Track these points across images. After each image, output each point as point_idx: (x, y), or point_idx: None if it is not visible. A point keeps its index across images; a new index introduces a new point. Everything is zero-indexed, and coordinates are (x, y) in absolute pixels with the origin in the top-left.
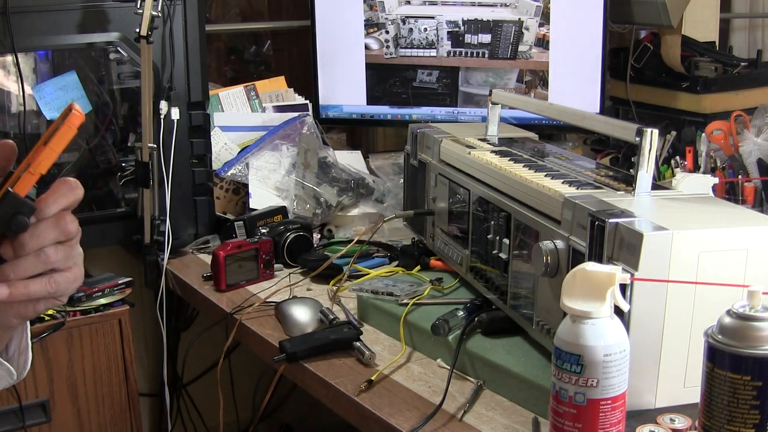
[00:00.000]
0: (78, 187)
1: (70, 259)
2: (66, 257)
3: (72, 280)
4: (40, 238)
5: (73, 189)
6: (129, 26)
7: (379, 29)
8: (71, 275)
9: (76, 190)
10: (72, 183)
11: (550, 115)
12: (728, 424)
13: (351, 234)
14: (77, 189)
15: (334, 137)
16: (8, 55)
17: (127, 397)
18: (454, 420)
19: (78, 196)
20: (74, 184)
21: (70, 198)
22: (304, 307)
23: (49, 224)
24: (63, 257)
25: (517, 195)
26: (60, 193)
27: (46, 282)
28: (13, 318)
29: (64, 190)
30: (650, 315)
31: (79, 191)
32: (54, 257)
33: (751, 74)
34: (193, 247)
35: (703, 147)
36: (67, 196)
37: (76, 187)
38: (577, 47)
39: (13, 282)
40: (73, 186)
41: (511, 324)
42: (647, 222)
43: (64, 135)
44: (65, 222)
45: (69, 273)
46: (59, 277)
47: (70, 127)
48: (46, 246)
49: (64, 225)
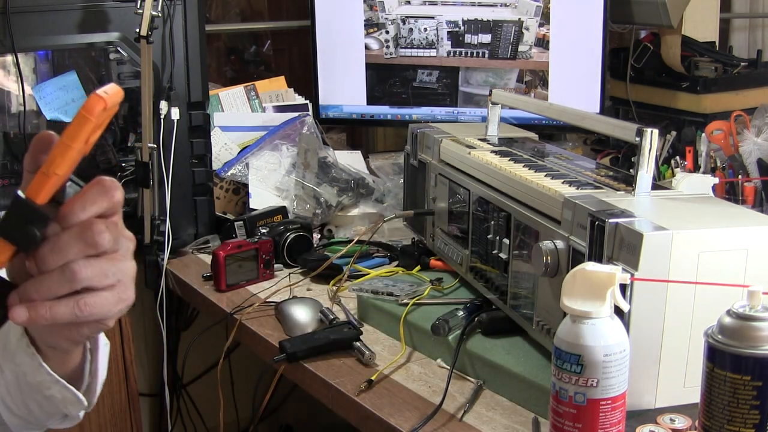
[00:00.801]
0: (114, 189)
1: (110, 276)
2: (101, 274)
3: (113, 301)
4: (62, 252)
5: (106, 191)
6: (129, 26)
7: (379, 29)
8: (111, 296)
9: (111, 192)
10: (107, 184)
11: (550, 115)
12: (728, 424)
13: (351, 234)
14: (112, 191)
15: (334, 137)
16: (8, 55)
17: (127, 397)
18: (454, 420)
19: (114, 200)
20: (109, 184)
21: (102, 202)
22: (304, 307)
23: (72, 235)
24: (96, 273)
25: (517, 195)
26: (89, 196)
27: (74, 305)
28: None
29: (95, 192)
30: (650, 315)
31: (115, 193)
32: (82, 274)
33: (751, 74)
34: (193, 247)
35: (703, 147)
36: (98, 201)
37: (111, 188)
38: (577, 47)
39: (34, 303)
40: (108, 187)
41: (511, 324)
42: (647, 222)
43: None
44: (92, 232)
45: (108, 293)
46: (92, 298)
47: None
48: (71, 261)
49: (92, 236)
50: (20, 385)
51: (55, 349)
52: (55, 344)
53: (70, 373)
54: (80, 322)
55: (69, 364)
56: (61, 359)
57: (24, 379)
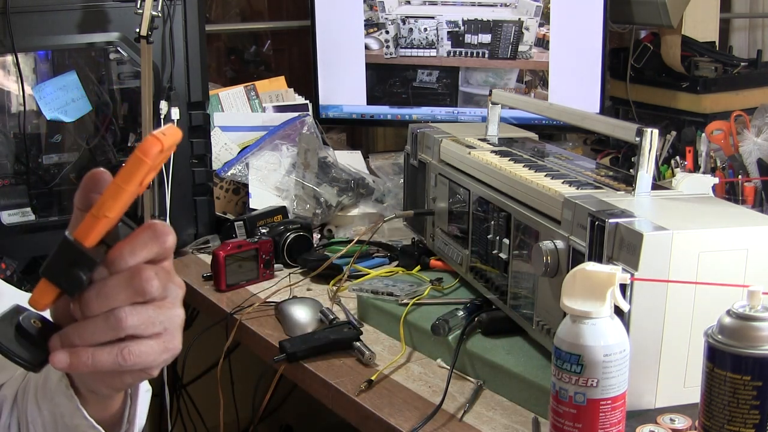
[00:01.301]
0: (166, 234)
1: (156, 325)
2: (148, 322)
3: (159, 350)
4: (108, 298)
5: (157, 236)
6: (129, 26)
7: (379, 29)
8: (157, 345)
9: (162, 238)
10: (158, 228)
11: (550, 115)
12: (728, 424)
13: (351, 234)
14: (164, 236)
15: (334, 137)
16: (8, 55)
17: None
18: (454, 420)
19: (165, 245)
20: (161, 229)
21: (153, 247)
22: (304, 307)
23: (121, 280)
24: (142, 322)
25: (517, 195)
26: (139, 241)
27: (117, 353)
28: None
29: (146, 237)
30: (650, 315)
31: (168, 239)
32: (128, 322)
33: (751, 74)
34: (193, 247)
35: (703, 147)
36: (148, 245)
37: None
38: (577, 47)
39: (77, 349)
40: (159, 232)
41: (511, 324)
42: (647, 222)
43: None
44: (141, 279)
45: (154, 342)
46: (137, 347)
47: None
48: (117, 307)
49: (140, 282)
50: (57, 425)
51: (95, 394)
52: (96, 389)
53: (109, 418)
54: (123, 371)
55: (109, 409)
56: (101, 404)
57: (62, 420)
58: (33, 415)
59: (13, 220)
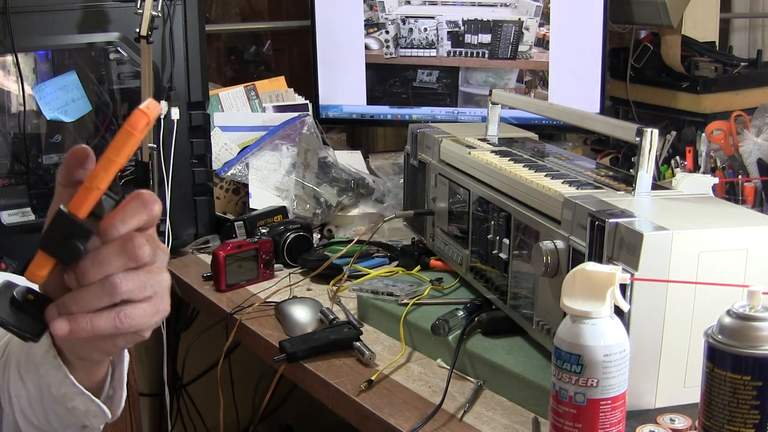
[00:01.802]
0: (153, 202)
1: (148, 288)
2: (140, 286)
3: (151, 313)
4: (103, 265)
5: (145, 205)
6: (129, 26)
7: (379, 29)
8: (149, 307)
9: (150, 206)
10: (146, 197)
11: (550, 115)
12: (728, 424)
13: (351, 234)
14: (151, 205)
15: (334, 137)
16: (8, 55)
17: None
18: (454, 420)
19: (153, 213)
20: (148, 198)
21: (142, 216)
22: (304, 307)
23: (114, 248)
24: (136, 286)
25: (517, 195)
26: (129, 210)
27: (114, 317)
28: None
29: (135, 206)
30: (650, 315)
31: (154, 207)
32: (122, 287)
33: (751, 74)
34: (193, 247)
35: (703, 147)
36: (138, 214)
37: (149, 202)
38: (577, 47)
39: (75, 316)
40: (147, 201)
41: (511, 324)
42: (647, 222)
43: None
44: (134, 245)
45: (146, 305)
46: (132, 310)
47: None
48: (112, 274)
49: (132, 249)
50: (43, 397)
51: (84, 361)
52: (88, 356)
53: (94, 385)
54: (117, 334)
55: (95, 376)
56: (88, 371)
57: (48, 391)
58: (17, 389)
59: (13, 220)
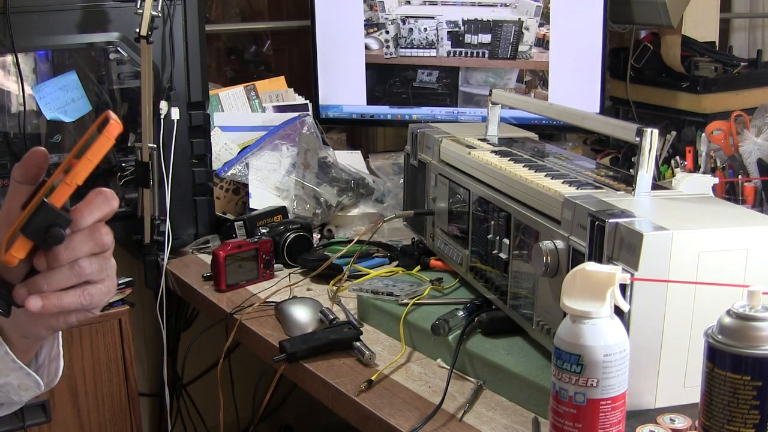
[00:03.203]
0: (113, 198)
1: (104, 271)
2: (100, 269)
3: (105, 292)
4: (74, 250)
5: (108, 200)
6: (129, 26)
7: (379, 29)
8: (104, 287)
9: (112, 201)
10: (107, 194)
11: (550, 115)
12: (728, 424)
13: (351, 234)
14: (113, 200)
15: (334, 137)
16: (8, 55)
17: (127, 397)
18: (454, 420)
19: (113, 208)
20: (110, 195)
21: (105, 209)
22: (304, 307)
23: (84, 236)
24: (97, 269)
25: (517, 195)
26: (95, 204)
27: (80, 294)
28: (43, 329)
29: (100, 201)
30: (650, 315)
31: (114, 202)
32: (88, 269)
33: (751, 74)
34: (193, 247)
35: (703, 147)
36: (102, 208)
37: (111, 198)
38: (577, 47)
39: (46, 294)
40: (109, 197)
41: (511, 324)
42: (647, 222)
43: (102, 146)
44: (100, 234)
45: (102, 285)
46: (93, 289)
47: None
48: (80, 258)
49: (99, 237)
50: None
51: (27, 339)
52: (36, 333)
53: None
54: (70, 311)
55: (31, 352)
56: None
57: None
58: None
59: None
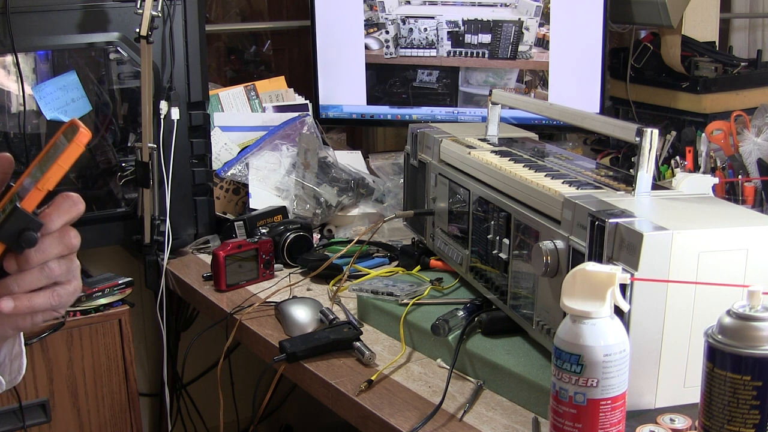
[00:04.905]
0: (80, 202)
1: (71, 272)
2: (67, 271)
3: (72, 292)
4: (45, 253)
5: (75, 204)
6: (129, 26)
7: (379, 29)
8: (71, 288)
9: (78, 205)
10: (74, 198)
11: (550, 115)
12: (728, 424)
13: (351, 234)
14: (79, 204)
15: (334, 137)
16: (8, 55)
17: (127, 397)
18: (454, 420)
19: (80, 211)
20: (76, 199)
21: (73, 213)
22: (304, 307)
23: (53, 239)
24: (65, 271)
25: (517, 195)
26: (63, 208)
27: (50, 295)
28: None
29: (67, 205)
30: (650, 315)
31: (81, 206)
32: (58, 271)
33: (751, 74)
34: (193, 247)
35: (703, 147)
36: (70, 211)
37: (78, 202)
38: (577, 47)
39: (17, 295)
40: (76, 201)
41: (511, 324)
42: (647, 222)
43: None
44: (69, 237)
45: (69, 286)
46: (61, 290)
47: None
48: (50, 260)
49: (68, 239)
50: None
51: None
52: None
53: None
54: (37, 311)
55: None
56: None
57: None
58: None
59: None
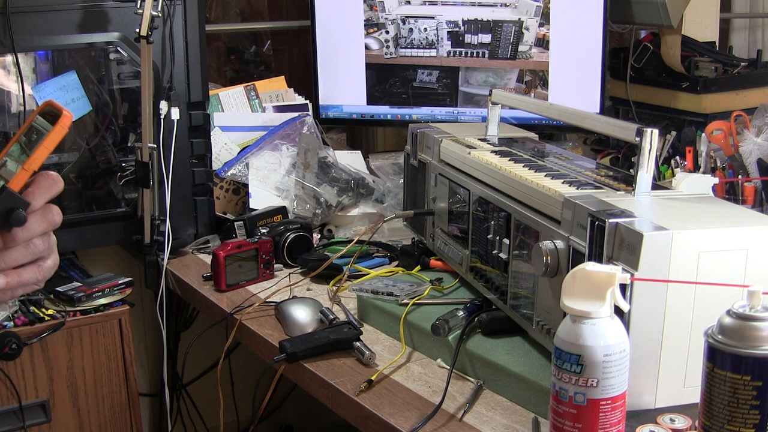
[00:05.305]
0: (59, 180)
1: (51, 248)
2: (49, 247)
3: (52, 266)
4: (30, 230)
5: (55, 182)
6: (129, 26)
7: (379, 29)
8: (51, 262)
9: (58, 183)
10: (54, 176)
11: (550, 115)
12: (728, 424)
13: (351, 234)
14: (59, 181)
15: (334, 137)
16: (8, 55)
17: (127, 397)
18: (454, 420)
19: (59, 188)
20: (56, 177)
21: (53, 190)
22: (304, 307)
23: (38, 217)
24: (47, 246)
25: (517, 195)
26: (45, 186)
27: (36, 270)
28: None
29: (48, 183)
30: (650, 315)
31: (60, 183)
32: (41, 247)
33: (751, 74)
34: (193, 247)
35: (703, 147)
36: (51, 189)
37: (57, 180)
38: (577, 47)
39: (7, 272)
40: (55, 179)
41: (511, 324)
42: (647, 222)
43: (57, 135)
44: (52, 214)
45: (50, 260)
46: (45, 264)
47: (62, 128)
48: (34, 237)
49: (51, 217)
50: None
51: None
52: None
53: None
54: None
55: None
56: None
57: None
58: None
59: None
